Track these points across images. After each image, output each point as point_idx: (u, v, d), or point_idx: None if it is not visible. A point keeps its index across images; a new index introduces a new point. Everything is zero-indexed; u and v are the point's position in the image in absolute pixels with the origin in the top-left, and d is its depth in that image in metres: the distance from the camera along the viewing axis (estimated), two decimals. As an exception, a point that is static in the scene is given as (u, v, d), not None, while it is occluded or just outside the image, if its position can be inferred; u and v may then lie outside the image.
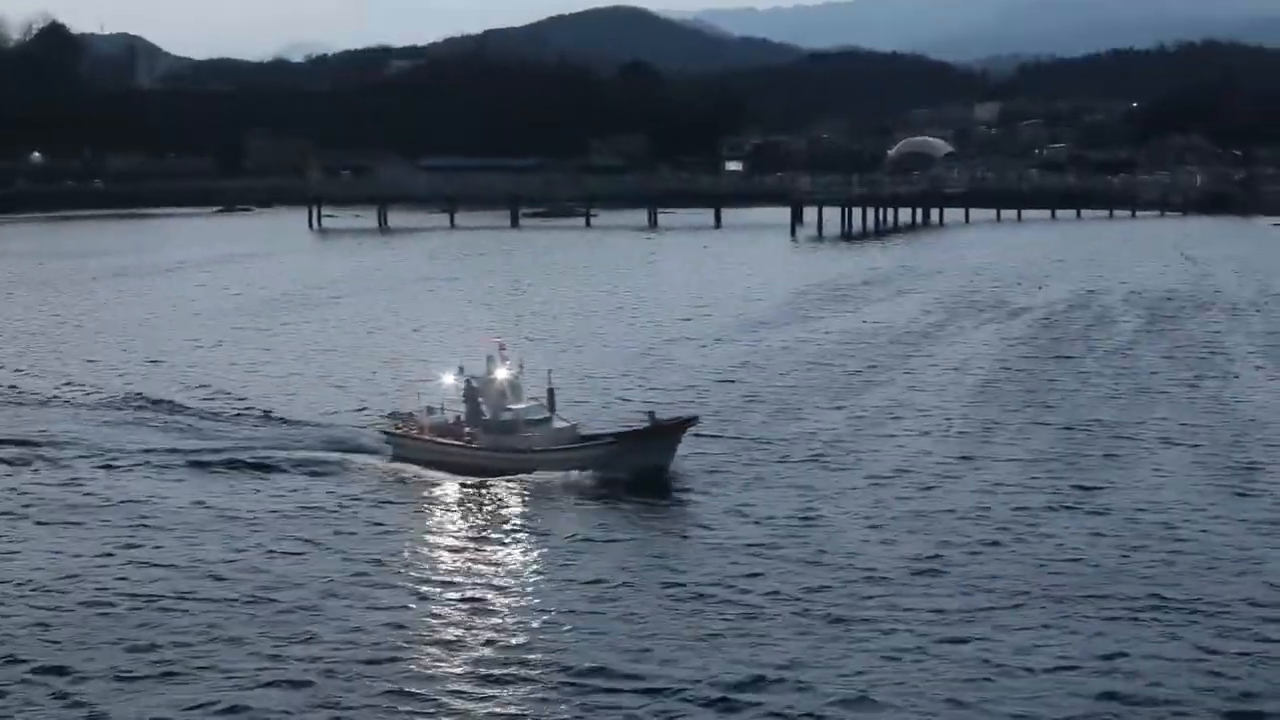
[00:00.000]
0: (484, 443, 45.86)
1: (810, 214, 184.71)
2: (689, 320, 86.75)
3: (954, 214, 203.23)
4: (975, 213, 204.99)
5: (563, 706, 27.29)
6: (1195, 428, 51.86)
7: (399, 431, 47.46)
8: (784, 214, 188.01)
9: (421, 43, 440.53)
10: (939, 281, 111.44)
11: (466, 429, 46.67)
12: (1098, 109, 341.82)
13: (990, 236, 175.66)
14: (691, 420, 46.22)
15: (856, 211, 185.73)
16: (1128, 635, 30.35)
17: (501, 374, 46.24)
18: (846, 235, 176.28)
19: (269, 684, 28.37)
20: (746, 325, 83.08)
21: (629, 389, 60.65)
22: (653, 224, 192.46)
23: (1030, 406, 56.32)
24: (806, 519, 39.59)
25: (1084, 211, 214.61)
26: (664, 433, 44.70)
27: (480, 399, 46.50)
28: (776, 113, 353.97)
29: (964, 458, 46.98)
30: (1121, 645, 29.70)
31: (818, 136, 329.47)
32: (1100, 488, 42.80)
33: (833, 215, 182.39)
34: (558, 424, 46.07)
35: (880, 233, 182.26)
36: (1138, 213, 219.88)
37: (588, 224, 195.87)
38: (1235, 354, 71.57)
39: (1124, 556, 35.73)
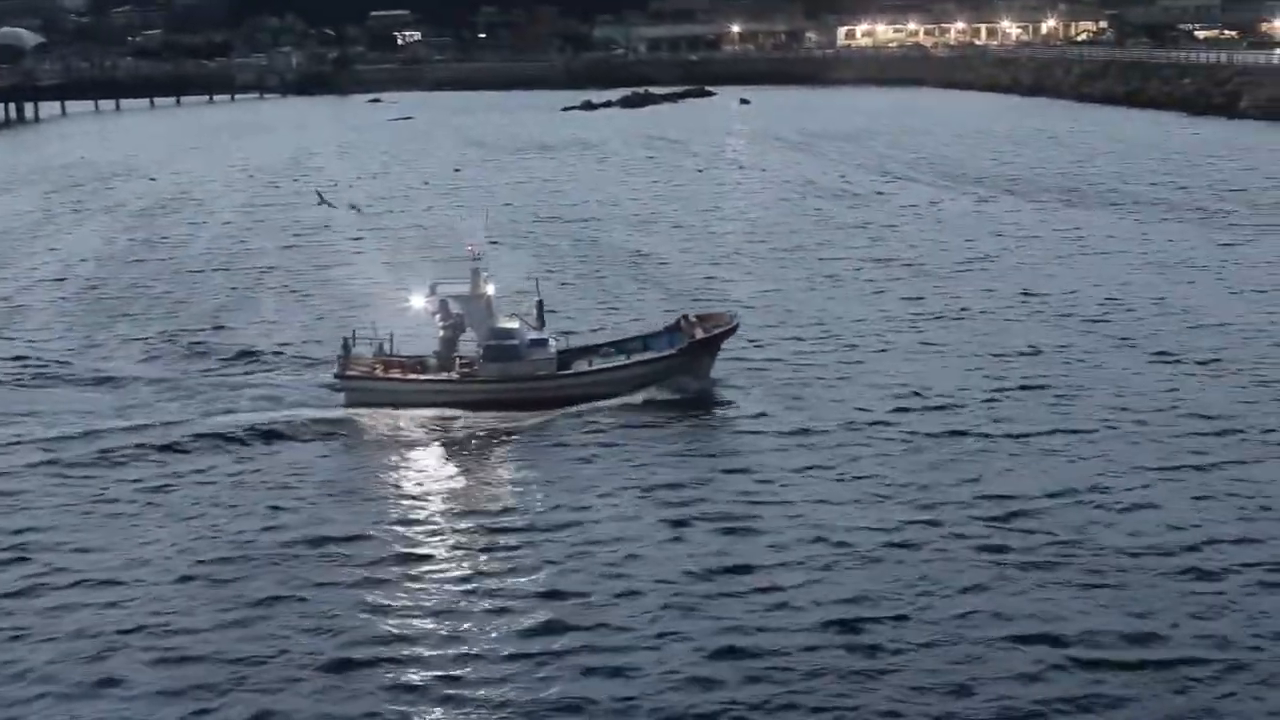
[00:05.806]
0: (489, 373, 38.47)
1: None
2: None
3: (50, 107, 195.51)
4: (72, 105, 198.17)
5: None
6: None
7: (359, 374, 38.51)
8: None
9: None
10: (40, 181, 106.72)
11: (459, 358, 39.02)
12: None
13: (90, 128, 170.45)
14: (736, 326, 40.92)
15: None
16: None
17: (489, 289, 38.94)
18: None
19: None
20: None
21: None
22: None
23: (132, 315, 54.56)
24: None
25: (183, 98, 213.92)
26: (719, 339, 39.93)
27: (463, 321, 39.07)
28: None
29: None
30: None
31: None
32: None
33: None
34: (554, 342, 39.82)
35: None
36: (236, 96, 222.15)
37: None
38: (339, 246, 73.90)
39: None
